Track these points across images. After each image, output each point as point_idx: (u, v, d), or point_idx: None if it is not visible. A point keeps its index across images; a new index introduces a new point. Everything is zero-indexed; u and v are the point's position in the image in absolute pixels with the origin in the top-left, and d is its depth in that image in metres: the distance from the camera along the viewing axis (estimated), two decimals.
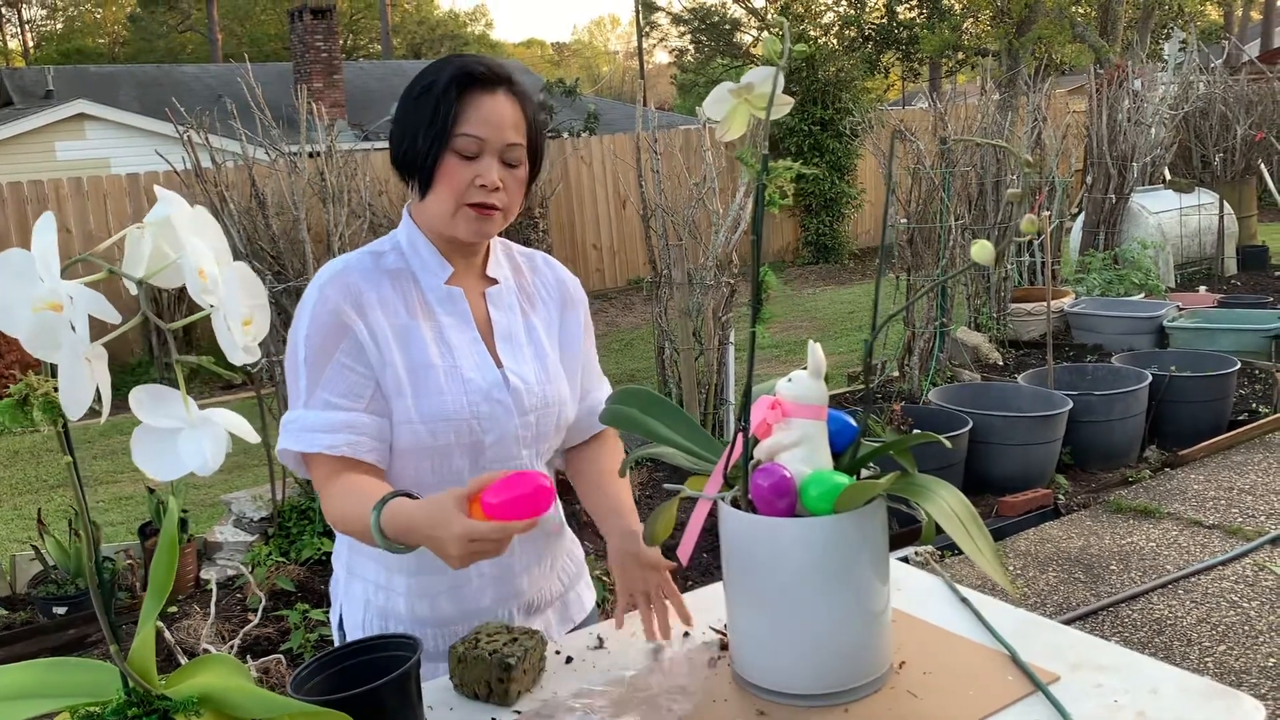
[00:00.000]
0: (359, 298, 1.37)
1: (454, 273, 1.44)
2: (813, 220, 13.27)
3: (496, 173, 1.36)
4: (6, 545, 4.97)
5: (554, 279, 1.57)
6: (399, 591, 1.46)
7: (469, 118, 1.35)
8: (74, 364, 0.83)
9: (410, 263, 1.43)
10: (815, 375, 1.24)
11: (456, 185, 1.36)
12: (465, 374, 1.39)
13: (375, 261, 1.42)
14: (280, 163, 4.00)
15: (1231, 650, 3.17)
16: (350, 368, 1.35)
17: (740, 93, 1.12)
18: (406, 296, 1.40)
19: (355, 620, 1.50)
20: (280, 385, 4.09)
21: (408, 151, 1.38)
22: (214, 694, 0.98)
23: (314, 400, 1.34)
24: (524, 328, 1.48)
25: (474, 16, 47.69)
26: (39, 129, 13.49)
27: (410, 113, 1.38)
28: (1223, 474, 4.60)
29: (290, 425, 1.35)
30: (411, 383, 1.37)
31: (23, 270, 0.84)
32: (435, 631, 1.46)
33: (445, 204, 1.37)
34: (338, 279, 1.38)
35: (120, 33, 39.72)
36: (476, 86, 1.36)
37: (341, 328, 1.35)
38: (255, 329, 0.93)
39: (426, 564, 1.39)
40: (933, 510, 1.12)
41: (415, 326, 1.39)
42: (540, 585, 1.54)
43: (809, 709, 1.19)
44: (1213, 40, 21.33)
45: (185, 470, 0.88)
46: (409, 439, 1.37)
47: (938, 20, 20.00)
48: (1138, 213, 8.03)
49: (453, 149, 1.35)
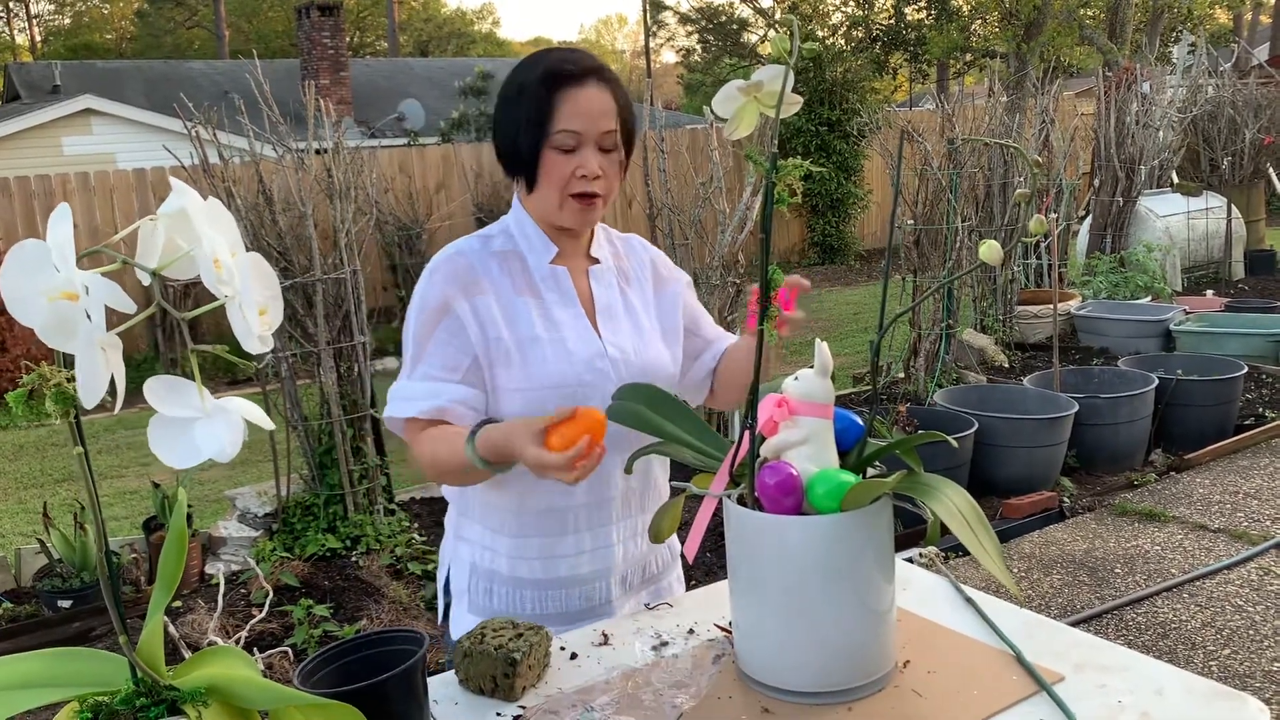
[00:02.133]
0: (466, 278, 1.48)
1: (559, 253, 1.53)
2: (819, 221, 13.26)
3: (596, 162, 1.45)
4: (12, 539, 4.99)
5: (647, 259, 1.66)
6: (501, 552, 1.55)
7: (564, 113, 1.43)
8: (90, 353, 0.84)
9: (519, 245, 1.53)
10: (822, 373, 1.24)
11: (559, 178, 1.45)
12: (569, 345, 1.48)
13: (484, 244, 1.53)
14: (287, 159, 4.00)
15: (1236, 654, 3.16)
16: (449, 343, 1.46)
17: (749, 91, 1.12)
18: (514, 276, 1.51)
19: (462, 583, 1.60)
20: (286, 382, 4.10)
21: (510, 151, 1.48)
22: (221, 685, 0.98)
23: (416, 373, 1.47)
24: (622, 304, 1.58)
25: (481, 14, 47.72)
26: (46, 124, 13.51)
27: (508, 114, 1.47)
28: (1228, 478, 4.60)
29: (394, 395, 1.48)
30: (520, 354, 1.47)
31: (37, 260, 0.84)
32: (534, 594, 1.55)
33: (551, 197, 1.47)
34: (447, 263, 1.49)
35: (127, 28, 39.79)
36: (568, 82, 1.43)
37: (444, 308, 1.46)
38: (270, 318, 0.93)
39: (527, 526, 1.52)
40: (938, 509, 1.12)
41: (522, 303, 1.49)
42: (636, 563, 1.61)
43: (813, 706, 1.19)
44: (1222, 43, 21.27)
45: (203, 457, 0.89)
46: (520, 405, 1.47)
47: (946, 22, 19.97)
48: (1145, 216, 8.01)
49: (551, 145, 1.44)
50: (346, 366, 4.13)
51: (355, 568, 3.84)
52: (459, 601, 1.61)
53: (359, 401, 4.16)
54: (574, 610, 1.55)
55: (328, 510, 4.08)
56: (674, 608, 1.52)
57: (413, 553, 3.98)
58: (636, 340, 1.56)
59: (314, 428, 4.11)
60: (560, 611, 1.55)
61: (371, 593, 3.66)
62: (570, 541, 1.53)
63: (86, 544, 3.74)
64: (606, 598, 1.58)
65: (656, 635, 1.42)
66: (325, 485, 4.10)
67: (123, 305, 0.86)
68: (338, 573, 3.81)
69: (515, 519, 1.52)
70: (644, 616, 1.49)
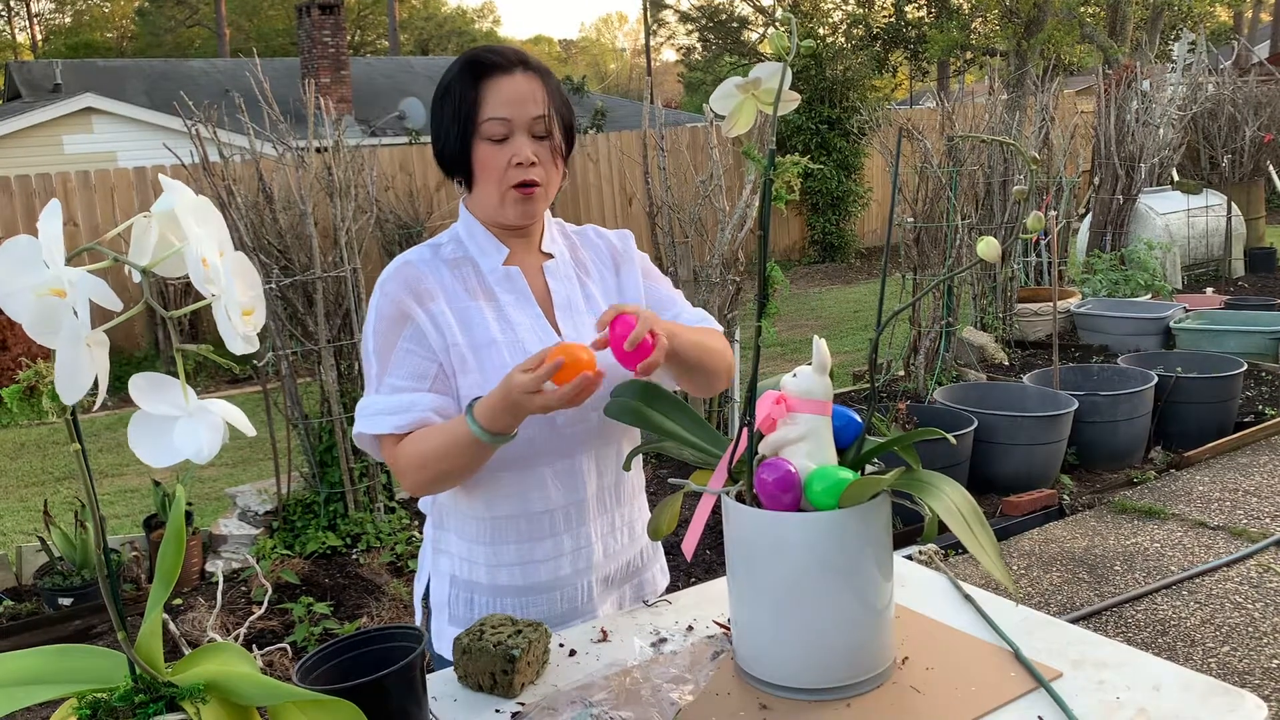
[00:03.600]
0: (418, 287, 1.45)
1: (510, 253, 1.51)
2: (819, 219, 13.26)
3: (530, 149, 1.43)
4: (13, 537, 4.99)
5: (604, 246, 1.63)
6: (480, 562, 1.52)
7: (491, 102, 1.42)
8: (73, 349, 0.84)
9: (469, 249, 1.51)
10: (820, 370, 1.24)
11: (495, 170, 1.43)
12: (528, 347, 1.45)
13: (434, 253, 1.51)
14: (288, 157, 4.00)
15: (1235, 651, 3.16)
16: (413, 351, 1.43)
17: (747, 88, 1.12)
18: (466, 281, 1.49)
19: (442, 595, 1.57)
20: (286, 380, 4.10)
21: (445, 150, 1.47)
22: (220, 681, 0.98)
23: (383, 386, 1.44)
24: (582, 296, 1.55)
25: (481, 13, 47.67)
26: (47, 122, 13.51)
27: (439, 114, 1.46)
28: (1228, 476, 4.60)
29: (363, 411, 1.45)
30: (476, 359, 1.44)
31: (28, 256, 0.85)
32: (516, 601, 1.52)
33: (490, 192, 1.45)
34: (397, 274, 1.47)
35: (128, 27, 39.79)
36: (492, 71, 1.42)
37: (402, 317, 1.44)
38: (256, 318, 0.93)
39: (502, 533, 1.50)
40: (936, 506, 1.13)
41: (476, 307, 1.47)
42: (618, 558, 1.59)
43: (811, 703, 1.20)
44: (1222, 41, 21.26)
45: (180, 457, 0.88)
46: None
47: (946, 20, 19.96)
48: (1145, 214, 8.01)
49: (482, 136, 1.42)
50: (347, 364, 4.14)
51: (355, 565, 3.85)
52: (439, 614, 1.57)
53: (359, 399, 4.17)
54: (557, 614, 1.52)
55: (328, 508, 4.09)
56: (672, 604, 1.52)
57: (413, 550, 3.98)
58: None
59: (314, 425, 4.12)
60: (543, 617, 1.51)
61: (372, 590, 3.67)
62: (548, 545, 1.51)
63: (87, 542, 3.74)
64: (589, 597, 1.55)
65: (655, 632, 1.42)
66: (325, 483, 4.10)
67: (110, 302, 0.86)
68: (338, 570, 3.81)
69: (490, 527, 1.50)
70: (643, 613, 1.49)
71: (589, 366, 1.28)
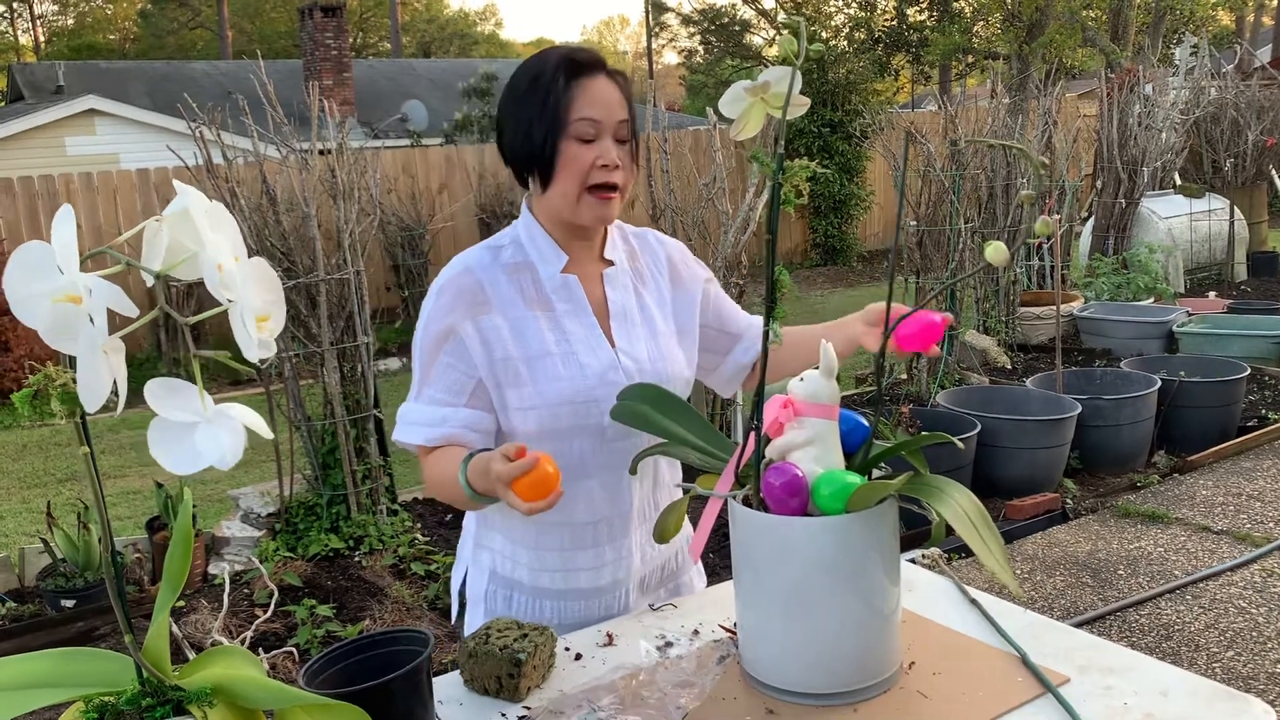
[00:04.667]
0: (472, 299, 1.45)
1: (570, 260, 1.50)
2: (822, 222, 13.26)
3: (614, 152, 1.43)
4: (15, 538, 4.99)
5: (663, 256, 1.62)
6: (522, 563, 1.54)
7: (582, 102, 1.41)
8: (92, 356, 0.84)
9: (529, 254, 1.50)
10: (827, 374, 1.24)
11: (579, 170, 1.42)
12: (581, 359, 1.46)
13: (494, 257, 1.50)
14: (291, 159, 4.00)
15: (1239, 656, 3.16)
16: (453, 366, 1.45)
17: (756, 91, 1.12)
18: (524, 289, 1.48)
19: (479, 589, 1.59)
20: (289, 382, 4.10)
21: (523, 146, 1.44)
22: (227, 685, 0.98)
23: (422, 396, 1.46)
24: (637, 306, 1.55)
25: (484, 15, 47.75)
26: (49, 124, 13.52)
27: (520, 108, 1.44)
28: (1231, 480, 4.59)
29: (402, 418, 1.48)
30: (530, 371, 1.44)
31: (41, 262, 0.85)
32: (555, 604, 1.54)
33: (569, 191, 1.44)
34: (453, 283, 1.46)
35: (130, 29, 39.83)
36: (584, 72, 1.42)
37: (448, 331, 1.44)
38: (272, 324, 0.93)
39: (546, 540, 1.52)
40: (944, 511, 1.12)
41: (532, 318, 1.46)
42: (653, 562, 1.60)
43: (818, 708, 1.19)
44: (1224, 45, 21.25)
45: (204, 464, 0.88)
46: (534, 423, 1.45)
47: (948, 23, 19.96)
48: (1148, 217, 8.01)
49: (571, 135, 1.41)
50: (350, 367, 4.14)
51: (358, 568, 3.84)
52: (475, 607, 1.59)
53: (362, 401, 4.16)
54: (593, 619, 1.54)
55: (331, 510, 4.08)
56: (678, 608, 1.52)
57: (415, 553, 3.98)
58: (651, 346, 1.53)
59: (317, 428, 4.12)
60: (579, 620, 1.53)
61: (375, 593, 3.66)
62: (590, 555, 1.52)
63: (90, 543, 3.74)
64: (625, 603, 1.57)
65: (661, 636, 1.42)
66: (328, 485, 4.10)
67: (125, 308, 0.86)
68: (341, 573, 3.81)
69: (535, 531, 1.52)
70: (648, 617, 1.49)
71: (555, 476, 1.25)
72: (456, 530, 4.37)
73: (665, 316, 1.57)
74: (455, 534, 4.32)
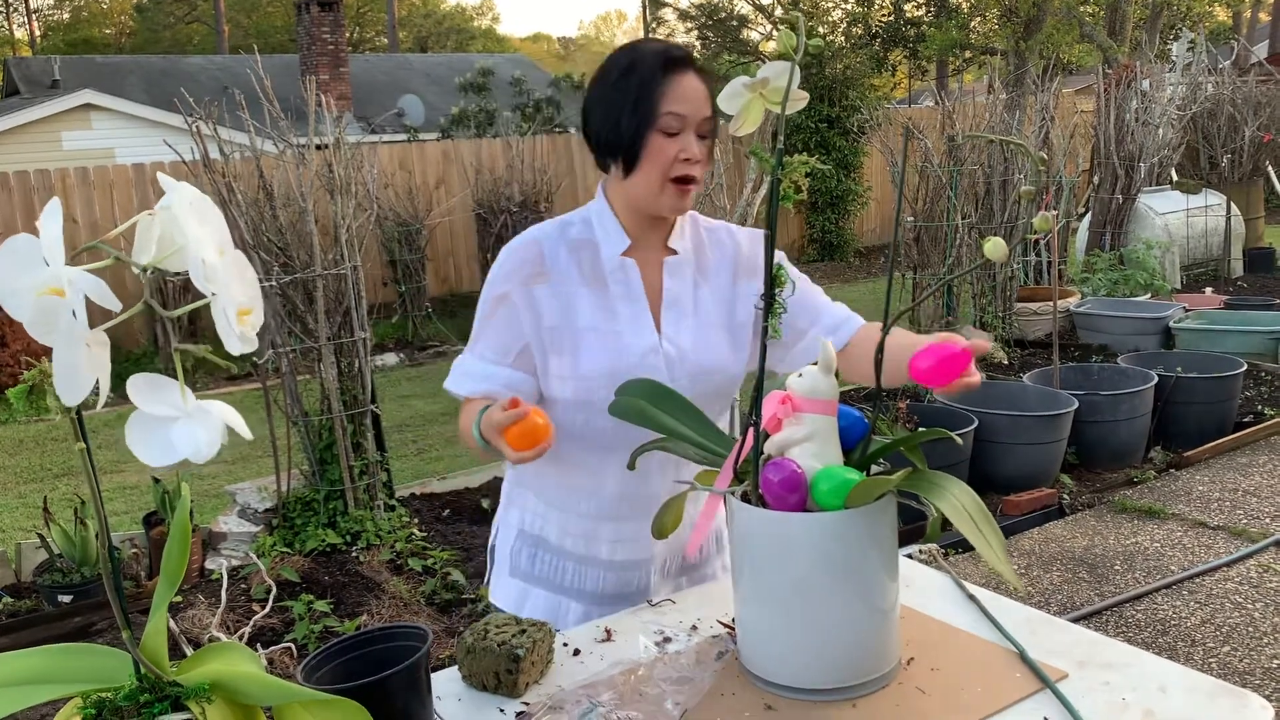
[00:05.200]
0: (530, 269, 1.52)
1: (633, 244, 1.55)
2: (818, 217, 13.26)
3: (696, 146, 1.46)
4: (12, 533, 4.98)
5: (730, 248, 1.62)
6: (551, 522, 1.62)
7: (672, 97, 1.45)
8: (71, 349, 0.83)
9: (595, 233, 1.55)
10: (825, 371, 1.24)
11: (663, 161, 1.46)
12: (624, 338, 1.51)
13: (561, 232, 1.56)
14: (288, 154, 3.99)
15: (1235, 651, 3.17)
16: (504, 328, 1.53)
17: (755, 87, 1.12)
18: (582, 265, 1.54)
19: (506, 547, 1.68)
20: (286, 377, 4.09)
21: (610, 134, 1.48)
22: (225, 681, 0.98)
23: (474, 350, 1.56)
24: (693, 297, 1.57)
25: (480, 10, 47.56)
26: (45, 118, 13.48)
27: (610, 97, 1.48)
28: (1228, 475, 4.60)
29: (456, 368, 1.57)
30: (572, 342, 1.51)
31: (28, 255, 0.84)
32: (575, 568, 1.62)
33: (652, 181, 1.47)
34: (517, 250, 1.54)
35: (126, 23, 39.71)
36: (677, 67, 1.46)
37: (503, 296, 1.52)
38: (253, 318, 0.93)
39: (571, 503, 1.59)
40: (944, 506, 1.12)
41: (583, 293, 1.52)
42: (676, 551, 1.63)
43: (817, 703, 1.19)
44: (1221, 41, 21.26)
45: (178, 458, 0.88)
46: (570, 392, 1.51)
47: (945, 19, 19.94)
48: (1145, 213, 8.01)
49: (658, 127, 1.45)
50: (347, 362, 4.13)
51: (355, 563, 3.84)
52: (500, 567, 1.67)
53: (359, 397, 4.16)
54: (609, 591, 1.60)
55: (328, 505, 4.08)
56: (676, 604, 1.52)
57: (413, 548, 3.98)
58: (697, 338, 1.55)
59: (314, 423, 4.11)
60: (596, 590, 1.60)
61: (372, 588, 3.66)
62: (611, 528, 1.58)
63: (86, 539, 3.73)
64: (644, 585, 1.61)
65: (659, 631, 1.42)
66: (325, 481, 4.10)
67: (109, 302, 0.85)
68: (338, 568, 3.80)
69: (563, 494, 1.59)
70: (647, 612, 1.49)
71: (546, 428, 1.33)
72: (453, 526, 4.37)
73: (722, 311, 1.59)
74: (452, 529, 4.32)
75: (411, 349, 9.40)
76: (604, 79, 1.50)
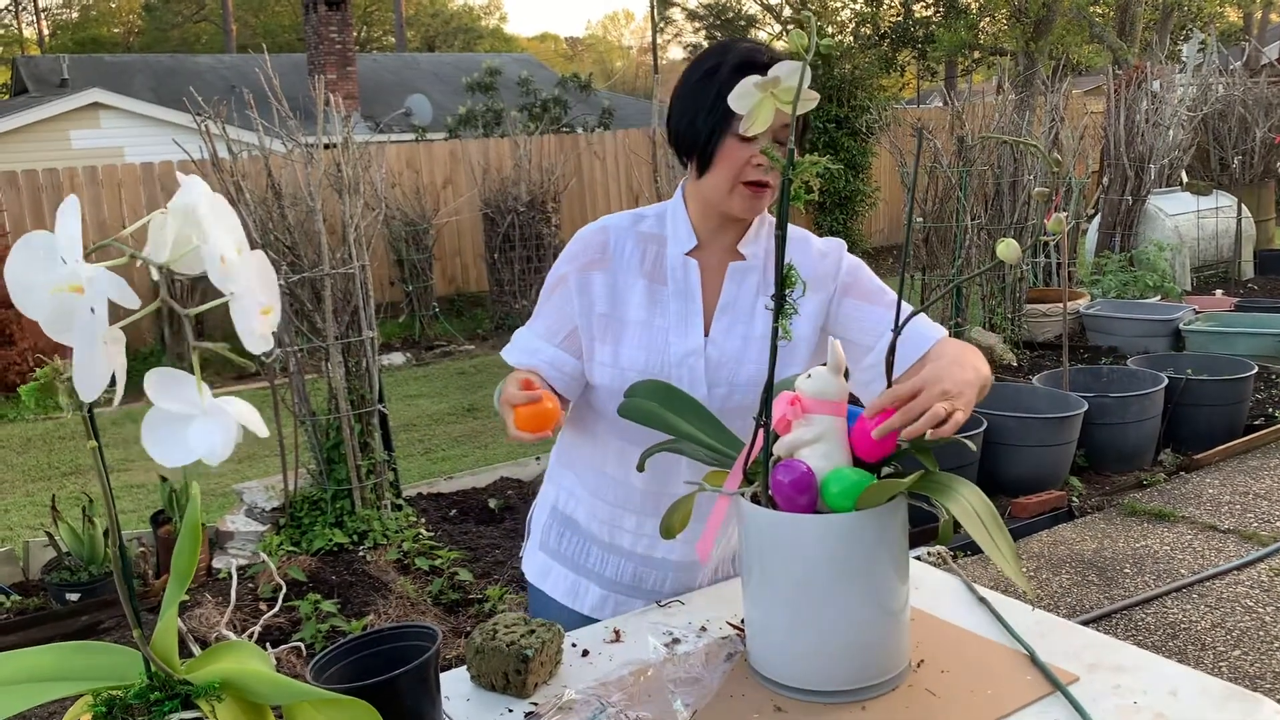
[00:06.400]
0: (590, 255, 1.56)
1: (701, 245, 1.55)
2: (827, 218, 13.23)
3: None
4: (20, 531, 5.00)
5: (807, 264, 1.56)
6: (582, 504, 1.66)
7: None
8: (90, 347, 0.83)
9: (665, 229, 1.57)
10: (834, 371, 1.23)
11: (735, 165, 1.46)
12: (669, 336, 1.53)
13: (633, 222, 1.59)
14: (296, 153, 4.00)
15: (1246, 655, 3.15)
16: (558, 310, 1.56)
17: (766, 86, 1.11)
18: (645, 258, 1.56)
19: (540, 521, 1.74)
20: (293, 377, 4.10)
21: (687, 132, 1.49)
22: (235, 680, 0.98)
23: (531, 326, 1.60)
24: (751, 305, 1.56)
25: (488, 9, 47.59)
26: (54, 117, 13.53)
27: (691, 96, 1.49)
28: (1238, 478, 4.58)
29: (515, 338, 1.61)
30: (616, 332, 1.54)
31: (44, 252, 0.84)
32: (599, 553, 1.65)
33: (723, 183, 1.48)
34: (585, 237, 1.58)
35: (135, 22, 39.83)
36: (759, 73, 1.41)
37: (561, 278, 1.57)
38: (273, 317, 0.92)
39: (601, 489, 1.62)
40: (954, 509, 1.12)
41: (639, 286, 1.54)
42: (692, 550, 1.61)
43: (826, 705, 1.19)
44: (1232, 42, 21.18)
45: (193, 458, 0.87)
46: (607, 379, 1.54)
47: (954, 19, 19.90)
48: (1155, 215, 7.98)
49: (733, 132, 1.45)
50: (354, 361, 4.13)
51: (362, 563, 3.84)
52: (533, 537, 1.74)
53: (367, 396, 4.16)
54: (625, 582, 1.62)
55: (335, 505, 4.08)
56: (685, 605, 1.51)
57: (420, 548, 3.98)
58: (744, 349, 1.53)
59: (321, 423, 4.12)
60: (614, 579, 1.62)
61: (379, 588, 3.67)
62: (634, 520, 1.60)
63: (94, 537, 3.74)
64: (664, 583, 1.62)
65: (669, 632, 1.41)
66: (332, 480, 4.10)
67: (127, 300, 0.85)
68: (345, 568, 3.81)
69: (595, 479, 1.62)
70: (655, 613, 1.49)
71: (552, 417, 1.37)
72: (460, 525, 4.37)
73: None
74: (459, 529, 4.32)
75: (418, 349, 9.40)
76: (689, 77, 1.50)
